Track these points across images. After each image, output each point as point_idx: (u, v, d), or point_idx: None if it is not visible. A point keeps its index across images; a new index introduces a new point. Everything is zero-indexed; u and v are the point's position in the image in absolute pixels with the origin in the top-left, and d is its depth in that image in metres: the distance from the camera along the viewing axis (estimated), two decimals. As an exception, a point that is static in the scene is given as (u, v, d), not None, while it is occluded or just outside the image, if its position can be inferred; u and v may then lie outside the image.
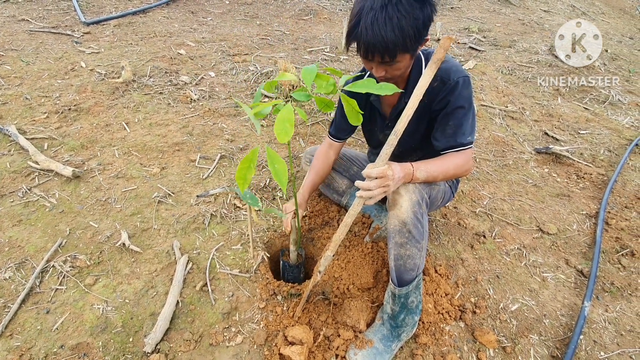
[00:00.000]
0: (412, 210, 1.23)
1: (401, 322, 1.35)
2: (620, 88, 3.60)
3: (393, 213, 1.27)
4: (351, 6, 5.17)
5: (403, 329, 1.36)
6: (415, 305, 1.35)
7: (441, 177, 1.30)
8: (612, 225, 2.03)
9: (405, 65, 1.23)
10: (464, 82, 1.29)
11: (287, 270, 1.60)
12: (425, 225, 1.30)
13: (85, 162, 2.06)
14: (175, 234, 1.71)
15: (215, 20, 4.22)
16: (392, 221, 1.27)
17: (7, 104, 2.44)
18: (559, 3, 6.41)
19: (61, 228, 1.69)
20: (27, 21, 3.68)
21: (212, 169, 2.08)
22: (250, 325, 1.41)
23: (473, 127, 1.35)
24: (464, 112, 1.31)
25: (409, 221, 1.24)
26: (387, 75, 1.24)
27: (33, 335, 1.31)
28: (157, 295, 1.46)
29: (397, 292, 1.32)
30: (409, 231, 1.25)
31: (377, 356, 1.31)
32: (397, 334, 1.36)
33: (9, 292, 1.43)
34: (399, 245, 1.27)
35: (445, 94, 1.29)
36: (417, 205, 1.25)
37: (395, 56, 1.14)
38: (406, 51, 1.15)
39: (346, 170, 1.85)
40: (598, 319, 1.56)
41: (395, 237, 1.27)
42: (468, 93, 1.31)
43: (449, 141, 1.32)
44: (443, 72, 1.30)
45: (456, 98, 1.29)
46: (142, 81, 2.78)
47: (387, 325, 1.37)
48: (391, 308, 1.35)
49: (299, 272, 1.61)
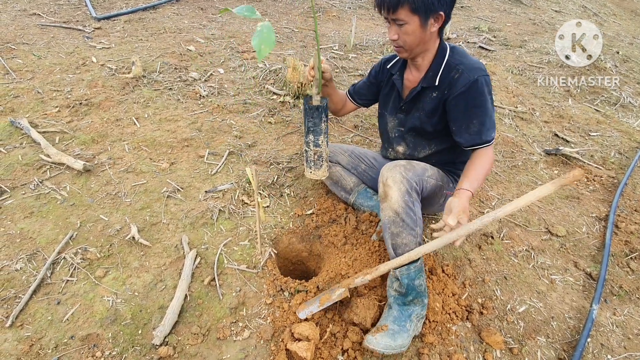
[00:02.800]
0: (402, 199, 1.30)
1: (410, 302, 1.36)
2: (632, 90, 3.56)
3: (385, 205, 1.33)
4: (360, 4, 5.16)
5: (412, 308, 1.37)
6: (423, 287, 1.38)
7: (482, 179, 1.38)
8: (622, 228, 2.01)
9: (413, 31, 1.30)
10: (485, 81, 1.35)
11: (309, 114, 1.53)
12: (417, 213, 1.34)
13: (95, 156, 2.08)
14: (184, 228, 1.73)
15: (224, 17, 4.22)
16: (385, 212, 1.33)
17: (19, 97, 2.47)
18: (570, 3, 6.34)
19: (72, 221, 1.71)
20: (39, 15, 3.72)
21: (220, 165, 2.09)
22: (257, 321, 1.42)
23: (493, 123, 1.41)
24: (485, 110, 1.37)
25: (400, 210, 1.30)
26: (399, 41, 1.35)
27: (44, 326, 1.33)
28: (166, 289, 1.47)
29: (400, 274, 1.34)
30: (402, 220, 1.30)
31: (395, 335, 1.30)
32: (407, 314, 1.36)
33: (21, 282, 1.45)
34: (395, 235, 1.33)
35: (464, 87, 1.35)
36: (407, 194, 1.31)
37: (397, 8, 1.25)
38: (412, 10, 1.24)
39: (354, 168, 1.86)
40: (606, 322, 1.55)
41: (390, 228, 1.33)
42: (489, 90, 1.38)
43: (474, 139, 1.39)
44: (467, 66, 1.37)
45: (476, 95, 1.36)
46: (152, 77, 2.80)
47: (395, 306, 1.38)
48: (396, 290, 1.37)
49: (319, 118, 1.54)
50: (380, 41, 3.89)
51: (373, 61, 3.46)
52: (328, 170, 1.72)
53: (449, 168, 1.61)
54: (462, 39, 4.27)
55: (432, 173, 1.50)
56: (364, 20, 4.70)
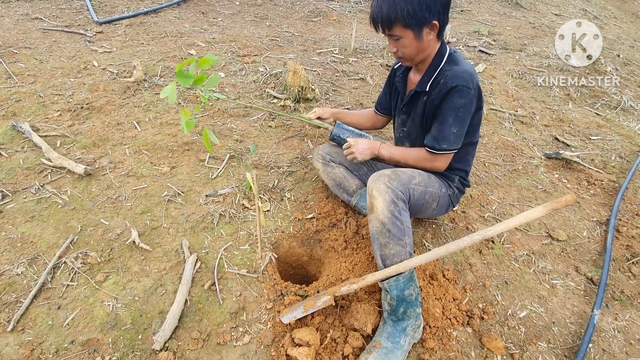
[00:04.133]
0: (388, 209, 1.30)
1: (402, 315, 1.35)
2: (633, 94, 3.56)
3: (372, 216, 1.34)
4: (360, 8, 5.17)
5: (406, 322, 1.35)
6: (414, 297, 1.36)
7: (402, 163, 1.55)
8: (623, 233, 2.00)
9: (410, 44, 1.37)
10: (459, 91, 1.36)
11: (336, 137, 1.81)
12: (405, 222, 1.34)
13: (96, 160, 2.08)
14: (185, 232, 1.73)
15: (226, 21, 4.24)
16: (372, 224, 1.34)
17: (21, 101, 2.48)
18: (570, 7, 6.35)
19: (73, 225, 1.71)
20: (41, 19, 3.74)
21: (221, 169, 2.09)
22: (258, 326, 1.42)
23: (456, 136, 1.43)
24: (449, 119, 1.39)
25: (386, 220, 1.30)
26: (398, 53, 1.43)
27: (44, 330, 1.33)
28: (166, 294, 1.47)
29: (388, 286, 1.33)
30: (388, 230, 1.30)
31: (389, 354, 1.30)
32: (401, 328, 1.35)
33: (22, 287, 1.45)
34: (383, 245, 1.32)
35: (441, 93, 1.39)
36: (392, 204, 1.31)
37: (392, 27, 1.34)
38: (404, 26, 1.32)
39: (357, 170, 1.87)
40: (607, 327, 1.55)
41: (378, 239, 1.33)
42: (461, 103, 1.38)
43: (428, 140, 1.49)
44: (453, 72, 1.38)
45: (447, 103, 1.39)
46: (153, 81, 2.81)
47: (389, 322, 1.37)
48: (388, 304, 1.36)
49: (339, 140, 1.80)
50: (381, 45, 3.90)
51: (373, 65, 3.47)
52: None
53: (443, 172, 1.61)
54: (462, 42, 4.28)
55: (420, 180, 1.47)
56: (364, 24, 4.71)
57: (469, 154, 1.62)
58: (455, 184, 1.63)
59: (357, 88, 3.10)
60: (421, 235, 1.85)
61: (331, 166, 1.84)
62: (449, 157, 1.51)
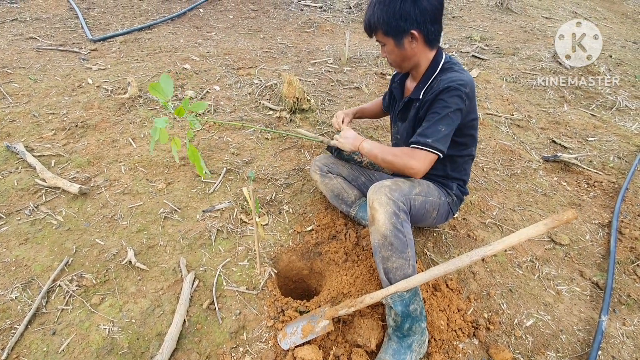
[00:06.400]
0: (389, 221, 1.27)
1: (407, 331, 1.31)
2: (627, 94, 3.57)
3: (373, 228, 1.31)
4: (353, 18, 5.22)
5: (412, 338, 1.32)
6: (419, 311, 1.33)
7: (380, 159, 1.44)
8: (626, 234, 1.98)
9: (392, 50, 1.41)
10: (449, 89, 1.34)
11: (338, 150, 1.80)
12: (407, 233, 1.31)
13: (91, 178, 2.06)
14: (182, 250, 1.70)
15: (220, 35, 4.26)
16: (374, 236, 1.31)
17: (15, 121, 2.46)
18: (560, 10, 6.43)
19: (67, 246, 1.68)
20: (35, 39, 3.75)
21: (217, 184, 2.07)
22: (259, 345, 1.38)
23: (443, 135, 1.35)
24: (438, 116, 1.36)
25: (388, 233, 1.27)
26: (388, 59, 1.48)
27: (39, 358, 1.29)
28: (164, 314, 1.44)
29: (392, 302, 1.29)
30: (390, 243, 1.27)
31: None
32: (407, 345, 1.31)
33: (16, 312, 1.42)
34: (385, 259, 1.29)
35: (434, 94, 1.38)
36: (394, 215, 1.28)
37: (375, 32, 1.39)
38: (384, 33, 1.37)
39: (355, 180, 1.85)
40: (616, 333, 1.51)
41: (380, 252, 1.30)
42: (452, 102, 1.35)
43: (415, 137, 1.39)
44: (447, 77, 1.38)
45: (438, 102, 1.37)
46: (147, 97, 2.81)
47: (394, 338, 1.34)
48: (393, 320, 1.32)
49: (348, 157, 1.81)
50: (375, 53, 3.92)
51: (368, 73, 3.48)
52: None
53: (441, 181, 1.60)
54: (455, 48, 4.31)
55: (420, 190, 1.44)
56: (357, 33, 4.75)
57: (467, 164, 1.61)
58: (454, 191, 1.61)
59: (353, 97, 3.10)
60: (422, 245, 1.82)
61: (329, 177, 1.82)
62: (429, 158, 1.35)
